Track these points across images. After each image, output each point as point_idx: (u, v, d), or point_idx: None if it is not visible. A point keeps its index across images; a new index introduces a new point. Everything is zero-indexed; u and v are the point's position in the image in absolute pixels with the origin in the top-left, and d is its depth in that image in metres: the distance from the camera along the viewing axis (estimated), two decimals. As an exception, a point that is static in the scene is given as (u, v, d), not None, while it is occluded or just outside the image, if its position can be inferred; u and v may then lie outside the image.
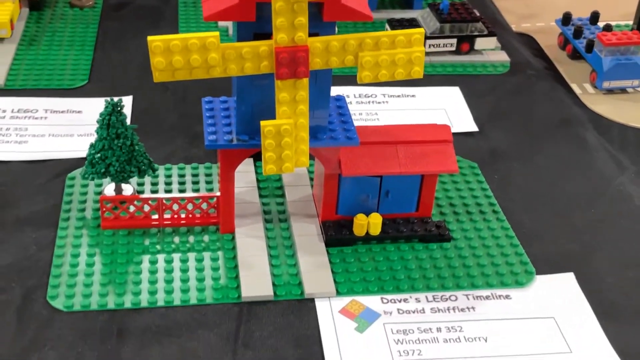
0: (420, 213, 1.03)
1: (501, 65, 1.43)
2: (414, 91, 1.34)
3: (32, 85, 1.28)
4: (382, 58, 0.86)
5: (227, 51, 0.84)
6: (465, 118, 1.27)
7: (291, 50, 0.84)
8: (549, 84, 1.39)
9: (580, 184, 1.15)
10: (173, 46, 0.82)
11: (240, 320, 0.89)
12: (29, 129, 1.17)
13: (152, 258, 0.96)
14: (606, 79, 1.36)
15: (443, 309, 0.93)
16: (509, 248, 1.02)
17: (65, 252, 0.96)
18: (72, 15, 1.49)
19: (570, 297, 0.95)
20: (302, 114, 0.88)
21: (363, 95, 1.31)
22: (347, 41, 0.85)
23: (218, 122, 0.95)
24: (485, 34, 1.42)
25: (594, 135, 1.26)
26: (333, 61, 0.86)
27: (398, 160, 0.98)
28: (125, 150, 0.99)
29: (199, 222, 1.01)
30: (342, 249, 1.00)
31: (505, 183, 1.14)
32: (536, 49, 1.52)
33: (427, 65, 1.40)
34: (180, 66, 0.83)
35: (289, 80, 0.86)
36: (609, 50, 1.35)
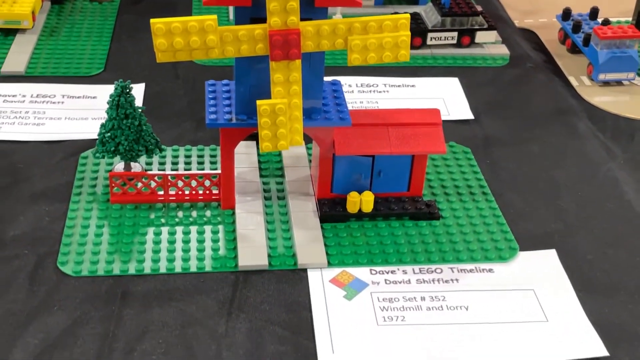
0: (411, 192, 1.09)
1: (501, 58, 1.47)
2: (414, 81, 1.39)
3: (51, 73, 1.35)
4: (370, 42, 0.92)
5: (225, 34, 0.90)
6: (462, 107, 1.33)
7: (284, 33, 0.90)
8: (546, 76, 1.44)
9: (569, 169, 1.20)
10: (174, 28, 0.88)
11: (237, 287, 0.95)
12: (47, 112, 1.24)
13: (157, 230, 1.02)
14: (602, 71, 1.40)
15: (428, 280, 0.98)
16: (495, 226, 1.07)
17: (75, 223, 1.03)
18: (91, 9, 1.57)
19: (550, 271, 1.00)
20: (295, 94, 0.94)
21: (365, 85, 1.37)
22: (337, 25, 0.91)
23: (219, 103, 1.02)
24: (486, 27, 1.47)
25: (586, 125, 1.31)
26: (324, 44, 0.92)
27: (389, 141, 1.04)
28: (134, 130, 1.05)
29: (202, 198, 1.07)
30: (336, 224, 1.05)
31: (497, 167, 1.19)
32: (537, 43, 1.56)
33: (429, 57, 1.46)
34: (181, 47, 0.89)
35: (282, 62, 0.92)
36: (605, 43, 1.39)
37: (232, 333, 0.89)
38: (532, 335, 0.91)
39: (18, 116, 1.23)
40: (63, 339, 0.87)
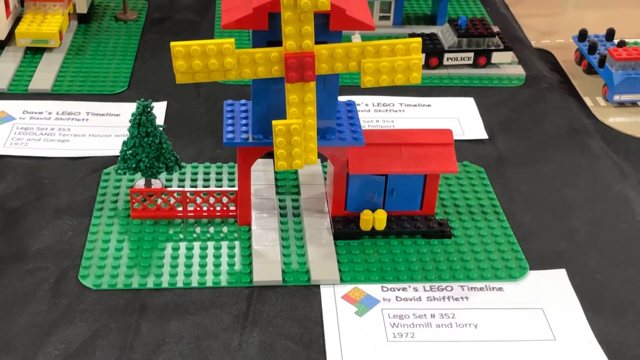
0: (424, 211, 1.11)
1: (517, 79, 1.49)
2: (430, 101, 1.41)
3: (77, 91, 1.39)
4: (382, 64, 0.95)
5: (242, 56, 0.93)
6: (477, 126, 1.35)
7: (299, 56, 0.93)
8: (561, 97, 1.46)
9: (581, 189, 1.21)
10: (193, 51, 0.91)
11: (251, 301, 0.98)
12: (72, 129, 1.28)
13: (175, 245, 1.05)
14: (617, 92, 1.42)
15: (438, 298, 1.00)
16: (506, 245, 1.08)
17: (97, 237, 1.06)
18: (116, 28, 1.61)
19: (560, 291, 1.02)
20: (310, 115, 0.97)
21: (381, 104, 1.40)
22: (351, 49, 0.94)
23: (236, 122, 1.05)
24: (502, 48, 1.49)
25: (600, 145, 1.32)
26: (338, 67, 0.95)
27: (402, 161, 1.06)
28: (154, 148, 1.09)
29: (219, 214, 1.10)
30: (349, 242, 1.08)
31: (509, 186, 1.21)
32: (553, 64, 1.58)
33: (445, 77, 1.48)
34: (199, 69, 0.93)
35: (297, 84, 0.95)
36: (620, 65, 1.41)
37: (245, 346, 0.92)
38: (540, 354, 0.93)
39: (44, 133, 1.27)
40: (83, 350, 0.91)
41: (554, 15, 1.78)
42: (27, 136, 1.26)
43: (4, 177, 1.17)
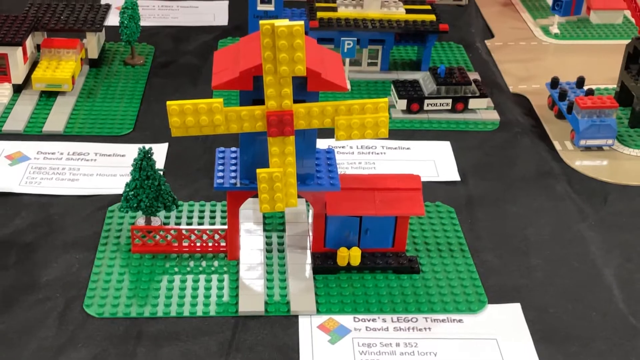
0: (395, 248, 1.23)
1: (491, 123, 1.62)
2: (409, 144, 1.54)
3: (87, 132, 1.53)
4: (353, 121, 1.07)
5: (229, 113, 1.06)
6: (451, 169, 1.47)
7: (279, 114, 1.05)
8: (532, 141, 1.57)
9: (542, 229, 1.33)
10: (186, 109, 1.04)
11: (236, 330, 1.10)
12: (81, 169, 1.41)
13: (170, 278, 1.18)
14: (582, 137, 1.54)
15: (404, 328, 1.12)
16: (469, 281, 1.20)
17: (100, 270, 1.19)
18: (124, 72, 1.74)
19: (513, 323, 1.13)
20: (290, 164, 1.09)
21: (365, 147, 1.52)
22: (325, 107, 1.07)
23: (226, 168, 1.18)
24: (478, 95, 1.61)
25: (564, 187, 1.44)
26: (314, 123, 1.08)
27: (374, 204, 1.18)
28: (154, 189, 1.21)
29: (211, 250, 1.23)
30: (327, 276, 1.20)
31: (477, 226, 1.33)
32: (528, 109, 1.70)
33: (425, 121, 1.61)
34: (192, 125, 1.05)
35: (278, 137, 1.07)
36: (585, 112, 1.53)
37: (229, 370, 1.04)
38: (491, 380, 1.04)
39: (56, 172, 1.40)
40: (85, 372, 1.03)
41: (532, 61, 1.89)
42: (41, 175, 1.39)
43: (19, 213, 1.30)
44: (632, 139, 1.59)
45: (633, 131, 1.61)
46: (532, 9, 2.16)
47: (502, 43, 1.98)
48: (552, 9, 1.76)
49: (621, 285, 1.21)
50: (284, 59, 1.00)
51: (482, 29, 2.06)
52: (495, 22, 2.10)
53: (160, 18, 2.01)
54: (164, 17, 2.02)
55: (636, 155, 1.55)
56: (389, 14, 1.73)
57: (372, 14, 1.73)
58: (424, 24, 1.73)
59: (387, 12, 1.74)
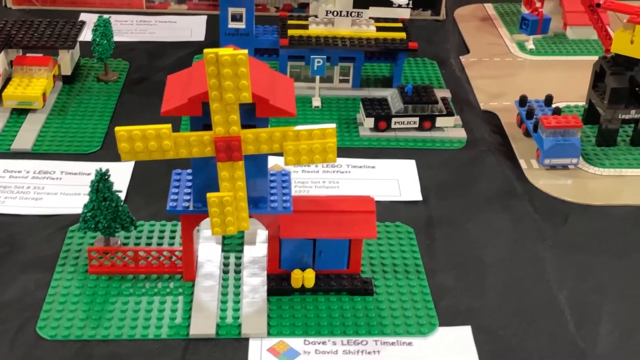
0: (350, 270, 1.24)
1: (458, 142, 1.62)
2: (375, 163, 1.55)
3: (55, 150, 1.54)
4: (302, 147, 1.08)
5: (178, 139, 1.07)
6: (413, 188, 1.48)
7: (227, 139, 1.07)
8: (497, 159, 1.58)
9: (500, 250, 1.34)
10: (134, 135, 1.06)
11: (186, 353, 1.11)
12: (45, 188, 1.43)
13: (125, 299, 1.19)
14: (547, 156, 1.54)
15: (353, 352, 1.13)
16: (421, 303, 1.21)
17: (56, 292, 1.20)
18: (97, 88, 1.76)
19: (463, 346, 1.14)
20: (240, 189, 1.11)
21: (330, 165, 1.53)
22: (274, 133, 1.08)
23: (181, 190, 1.19)
24: (445, 113, 1.62)
25: (525, 207, 1.45)
26: (263, 148, 1.09)
27: (328, 227, 1.20)
28: (111, 210, 1.23)
29: (168, 270, 1.24)
30: (281, 298, 1.21)
31: (435, 246, 1.34)
32: (497, 126, 1.71)
33: (392, 139, 1.62)
34: (141, 150, 1.07)
35: (227, 162, 1.09)
36: (549, 132, 1.54)
37: (175, 393, 1.06)
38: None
39: (20, 191, 1.42)
40: (34, 394, 1.05)
41: (505, 77, 1.90)
42: (5, 194, 1.40)
43: (-19, 233, 1.32)
44: (597, 157, 1.60)
45: (599, 149, 1.62)
46: (509, 24, 2.17)
47: (476, 59, 1.99)
48: (520, 28, 1.77)
49: (573, 308, 1.22)
50: (228, 86, 1.02)
51: (458, 44, 2.07)
52: (471, 37, 2.10)
53: (137, 33, 2.02)
54: (142, 32, 2.03)
55: (600, 174, 1.55)
56: (360, 31, 1.75)
57: (342, 31, 1.74)
58: (394, 42, 1.74)
59: (358, 30, 1.75)
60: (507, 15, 2.23)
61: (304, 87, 1.78)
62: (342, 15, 1.72)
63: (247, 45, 1.72)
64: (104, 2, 2.11)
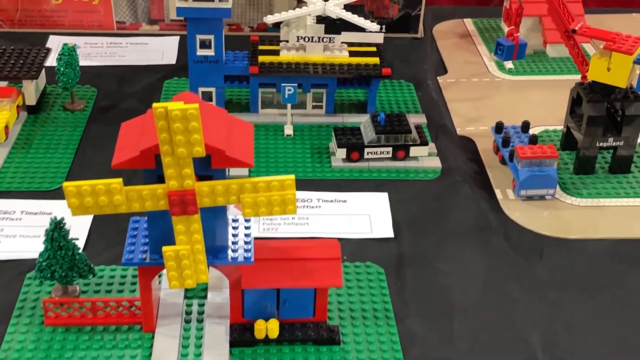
0: (316, 318, 1.20)
1: (432, 171, 1.58)
2: (346, 196, 1.50)
3: (15, 188, 1.49)
4: (260, 199, 1.04)
5: (130, 193, 1.03)
6: (385, 224, 1.44)
7: (181, 193, 1.02)
8: (472, 190, 1.54)
9: (472, 290, 1.30)
10: (83, 190, 1.01)
11: (143, 411, 1.08)
12: (4, 230, 1.38)
13: (81, 354, 1.15)
14: (522, 188, 1.50)
15: (316, 407, 1.09)
16: (390, 352, 1.17)
17: (10, 346, 1.16)
18: (63, 119, 1.71)
19: (431, 400, 1.11)
20: (197, 241, 1.06)
21: (300, 200, 1.49)
22: (230, 185, 1.04)
23: (138, 240, 1.15)
24: (418, 143, 1.58)
25: (499, 242, 1.41)
26: (219, 201, 1.05)
27: (292, 275, 1.15)
28: (67, 259, 1.19)
29: (127, 321, 1.20)
30: (244, 349, 1.17)
31: (406, 288, 1.30)
32: (473, 153, 1.67)
33: (365, 170, 1.58)
34: (91, 205, 1.02)
35: (182, 216, 1.04)
36: (525, 162, 1.50)
37: None
38: None
39: (-22, 233, 1.37)
40: None
41: (483, 99, 1.86)
42: (-38, 237, 1.36)
43: None
44: (575, 186, 1.56)
45: (577, 178, 1.58)
46: (489, 42, 2.13)
47: (454, 79, 1.95)
48: (495, 53, 1.73)
49: (545, 350, 1.19)
50: (180, 141, 0.97)
51: (435, 64, 2.03)
52: (450, 56, 2.06)
53: (107, 57, 1.98)
54: (111, 55, 1.99)
55: (578, 204, 1.52)
56: (332, 57, 1.70)
57: (314, 57, 1.69)
58: (367, 68, 1.69)
59: (330, 55, 1.70)
60: (487, 31, 2.19)
61: (276, 114, 1.74)
62: (313, 41, 1.68)
63: (217, 73, 1.68)
64: (73, 24, 2.06)
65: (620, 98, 1.53)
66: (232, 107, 1.76)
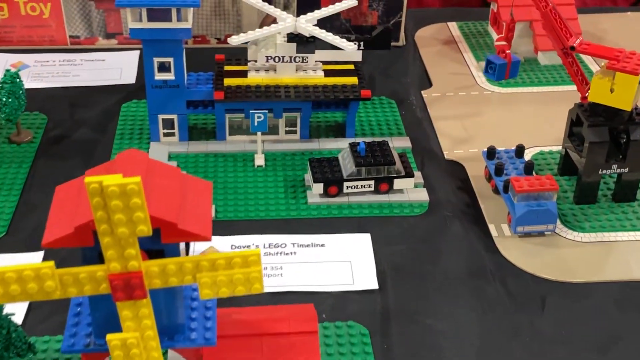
0: (292, 397, 1.05)
1: (419, 206, 1.43)
2: (324, 239, 1.35)
3: (-50, 240, 1.33)
4: (219, 278, 0.88)
5: (65, 277, 0.87)
6: (369, 273, 1.28)
7: (125, 277, 0.86)
8: (464, 226, 1.39)
9: (466, 353, 1.15)
10: (7, 278, 0.85)
11: None
12: (-63, 294, 1.22)
13: None
14: (519, 224, 1.35)
15: None
16: None
17: None
18: (8, 153, 1.54)
19: None
20: (147, 327, 0.90)
21: (272, 245, 1.33)
22: (184, 264, 0.88)
23: (82, 321, 0.98)
24: (403, 175, 1.43)
25: (496, 289, 1.26)
26: (172, 281, 0.89)
27: (262, 354, 1.00)
28: (2, 339, 1.02)
29: (74, 407, 1.04)
30: None
31: (393, 353, 1.15)
32: (463, 180, 1.51)
33: (345, 206, 1.42)
34: (18, 294, 0.86)
35: (128, 301, 0.88)
36: (521, 196, 1.35)
37: None
38: None
39: None
40: None
41: (471, 117, 1.70)
42: None
43: None
44: (576, 219, 1.41)
45: (578, 209, 1.43)
46: (475, 48, 1.97)
47: (440, 94, 1.79)
48: (485, 72, 1.57)
49: None
50: (120, 220, 0.81)
51: (419, 75, 1.87)
52: (434, 66, 1.90)
53: (59, 77, 1.80)
54: (64, 74, 1.81)
55: (580, 240, 1.37)
56: (306, 78, 1.54)
57: (286, 79, 1.53)
58: (345, 90, 1.53)
59: (304, 76, 1.54)
60: (473, 36, 2.03)
61: (246, 141, 1.57)
62: (284, 61, 1.52)
63: (178, 98, 1.52)
64: (22, 40, 1.88)
65: (624, 121, 1.38)
66: (197, 134, 1.60)
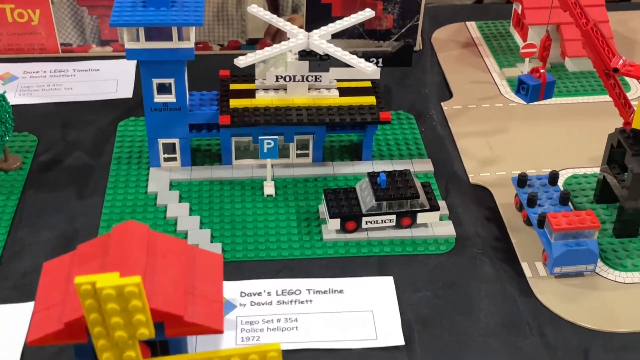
0: None
1: (445, 242, 1.31)
2: (342, 284, 1.23)
3: None
4: (234, 377, 0.76)
5: (55, 380, 0.75)
6: (393, 325, 1.16)
7: (125, 381, 0.75)
8: (494, 266, 1.27)
9: (507, 423, 1.04)
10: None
11: None
12: None
13: None
14: (556, 264, 1.23)
15: None
16: None
17: None
18: (-4, 181, 1.42)
19: None
20: None
21: (286, 292, 1.21)
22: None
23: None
24: (427, 209, 1.30)
25: (535, 345, 1.14)
26: (180, 380, 0.77)
27: None
28: None
29: None
30: None
31: None
32: (490, 210, 1.39)
33: (364, 243, 1.30)
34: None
35: (129, 404, 0.77)
36: (559, 235, 1.22)
37: None
38: None
39: None
40: None
41: (496, 133, 1.57)
42: None
43: None
44: (617, 255, 1.29)
45: (618, 243, 1.31)
46: (497, 52, 1.83)
47: (461, 106, 1.66)
48: (517, 93, 1.43)
49: None
50: (117, 324, 0.69)
51: (438, 85, 1.73)
52: (453, 72, 1.77)
53: (50, 90, 1.66)
54: (56, 87, 1.67)
55: (623, 281, 1.25)
56: (319, 98, 1.41)
57: (298, 100, 1.40)
58: (362, 112, 1.40)
59: (317, 96, 1.41)
60: (495, 38, 1.89)
61: (254, 165, 1.45)
62: (296, 80, 1.38)
63: (180, 121, 1.39)
64: (9, 48, 1.74)
65: (673, 150, 1.26)
66: (201, 157, 1.47)
